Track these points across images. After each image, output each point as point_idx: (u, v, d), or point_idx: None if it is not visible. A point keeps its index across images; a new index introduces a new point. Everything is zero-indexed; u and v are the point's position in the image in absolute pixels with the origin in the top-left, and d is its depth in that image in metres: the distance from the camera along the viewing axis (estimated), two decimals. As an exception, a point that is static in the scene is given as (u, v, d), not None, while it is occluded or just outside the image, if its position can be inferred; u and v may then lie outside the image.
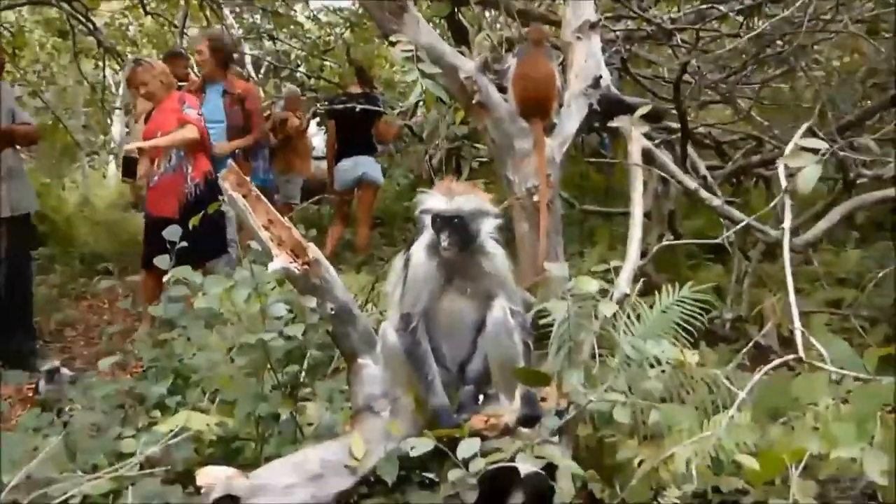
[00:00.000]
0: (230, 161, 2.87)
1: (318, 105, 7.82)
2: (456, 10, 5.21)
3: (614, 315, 3.09)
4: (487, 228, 2.61)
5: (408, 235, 2.76)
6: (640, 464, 2.81)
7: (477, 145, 5.25)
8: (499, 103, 3.81)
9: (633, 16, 5.46)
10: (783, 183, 2.63)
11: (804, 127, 2.99)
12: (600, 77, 4.00)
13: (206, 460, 2.87)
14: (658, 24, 5.21)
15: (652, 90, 5.76)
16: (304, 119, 8.50)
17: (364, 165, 7.47)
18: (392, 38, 3.52)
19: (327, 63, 8.92)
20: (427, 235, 2.66)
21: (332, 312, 2.64)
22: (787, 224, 2.59)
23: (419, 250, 2.64)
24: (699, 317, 3.46)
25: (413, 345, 2.56)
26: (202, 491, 2.29)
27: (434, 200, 2.58)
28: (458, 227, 2.54)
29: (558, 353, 3.06)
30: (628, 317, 3.38)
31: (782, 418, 3.17)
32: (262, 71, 9.93)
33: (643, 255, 3.57)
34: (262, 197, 2.74)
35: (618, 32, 5.27)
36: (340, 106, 6.99)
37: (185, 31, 8.11)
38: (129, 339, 5.08)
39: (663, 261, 5.38)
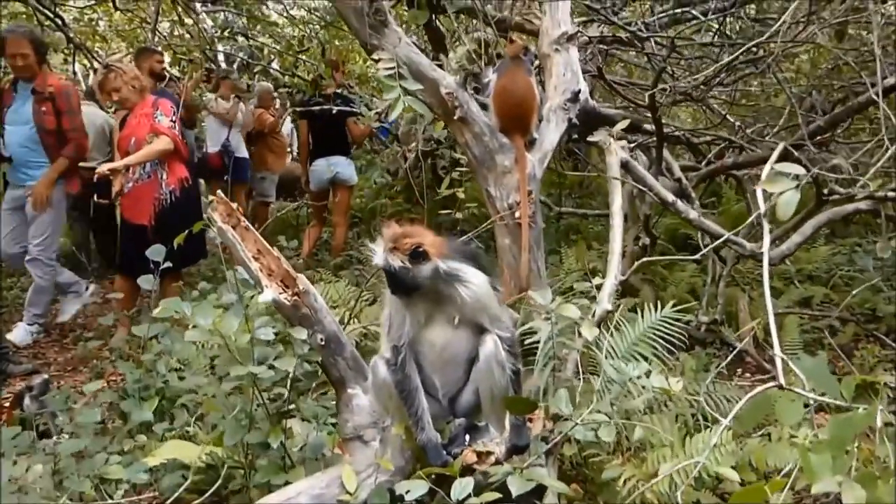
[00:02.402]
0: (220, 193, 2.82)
1: (290, 105, 7.75)
2: (434, 17, 5.18)
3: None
4: (429, 274, 2.52)
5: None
6: (624, 482, 2.88)
7: (455, 152, 5.25)
8: (479, 118, 3.78)
9: (607, 21, 5.48)
10: (761, 206, 2.68)
11: (780, 148, 3.03)
12: (579, 91, 4.01)
13: (194, 488, 2.88)
14: (633, 31, 5.24)
15: (625, 96, 5.79)
16: (277, 116, 8.43)
17: (338, 165, 7.46)
18: (374, 56, 3.50)
19: (301, 58, 8.86)
20: None
21: (322, 343, 2.65)
22: (766, 246, 2.63)
23: None
24: (679, 333, 3.54)
25: (403, 379, 2.56)
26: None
27: (375, 249, 2.55)
28: (393, 279, 2.53)
29: (543, 371, 3.12)
30: (610, 333, 3.45)
31: (762, 431, 3.27)
32: (236, 67, 9.84)
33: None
34: (251, 227, 2.72)
35: (592, 38, 5.27)
36: (317, 108, 6.92)
37: (156, 26, 7.98)
38: (106, 347, 5.04)
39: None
